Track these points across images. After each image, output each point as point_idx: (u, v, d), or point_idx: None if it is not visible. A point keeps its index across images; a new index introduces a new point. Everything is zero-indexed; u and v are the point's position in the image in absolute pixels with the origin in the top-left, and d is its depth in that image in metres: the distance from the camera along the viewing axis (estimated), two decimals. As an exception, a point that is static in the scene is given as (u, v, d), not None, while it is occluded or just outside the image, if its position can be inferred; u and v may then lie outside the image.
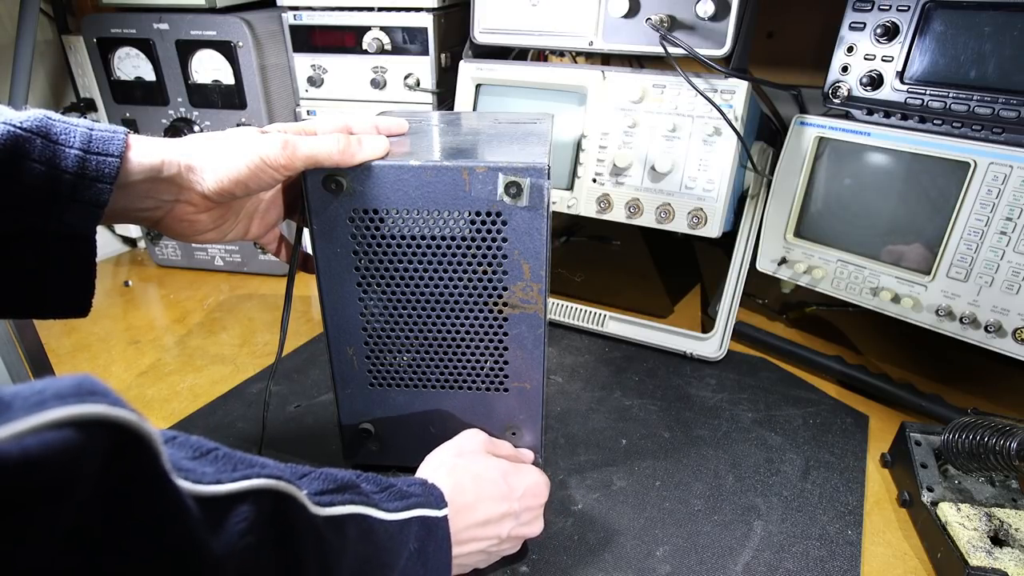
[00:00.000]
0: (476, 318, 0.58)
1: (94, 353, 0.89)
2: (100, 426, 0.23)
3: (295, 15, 0.94)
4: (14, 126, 0.40)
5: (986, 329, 0.67)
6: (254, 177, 0.48)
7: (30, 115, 0.41)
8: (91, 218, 0.43)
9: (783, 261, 0.83)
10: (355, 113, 0.98)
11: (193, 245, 1.11)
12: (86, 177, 0.42)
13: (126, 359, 0.88)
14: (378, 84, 0.96)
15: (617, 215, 0.85)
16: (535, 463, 0.65)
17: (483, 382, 0.61)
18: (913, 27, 0.68)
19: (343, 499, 0.40)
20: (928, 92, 0.68)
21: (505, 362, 0.60)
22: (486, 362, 0.60)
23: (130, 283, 1.10)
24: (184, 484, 0.29)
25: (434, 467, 0.53)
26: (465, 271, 0.56)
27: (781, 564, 0.57)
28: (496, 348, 0.59)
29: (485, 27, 0.87)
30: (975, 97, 0.66)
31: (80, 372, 0.24)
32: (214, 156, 0.47)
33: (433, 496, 0.47)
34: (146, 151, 0.45)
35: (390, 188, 0.53)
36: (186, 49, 0.95)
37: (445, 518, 0.47)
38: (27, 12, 0.93)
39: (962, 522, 0.57)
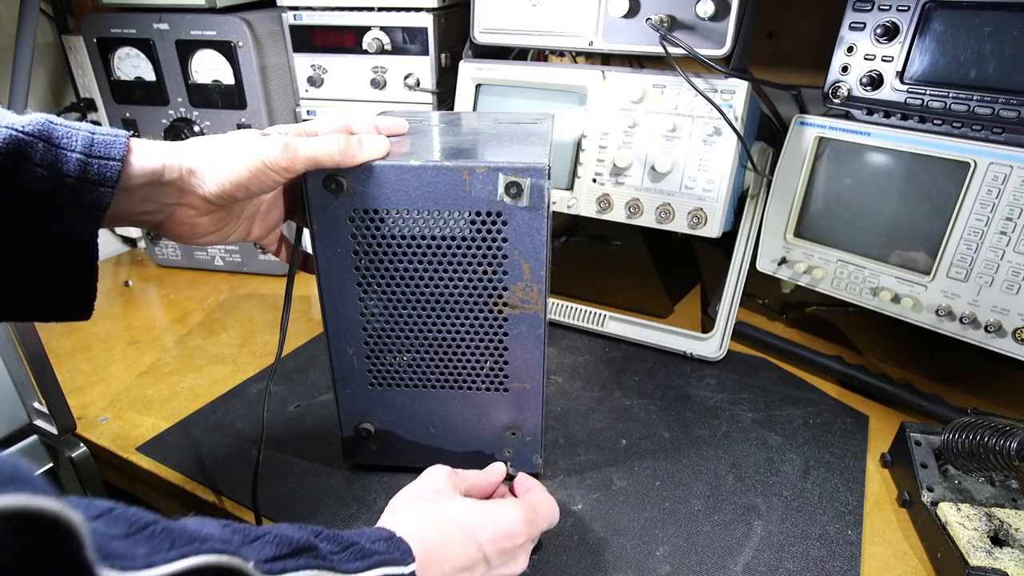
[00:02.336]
0: (476, 318, 0.58)
1: (94, 353, 0.89)
2: (19, 518, 0.21)
3: (295, 15, 0.94)
4: (16, 130, 0.40)
5: (986, 329, 0.67)
6: (255, 180, 0.48)
7: (32, 119, 0.41)
8: (92, 222, 0.43)
9: (783, 261, 0.83)
10: (355, 113, 0.99)
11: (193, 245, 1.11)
12: (88, 181, 0.42)
13: (126, 359, 0.88)
14: (378, 84, 0.96)
15: (617, 215, 0.85)
16: (536, 472, 0.65)
17: (483, 382, 0.61)
18: (913, 27, 0.68)
19: (297, 564, 0.37)
20: (928, 92, 0.68)
21: (505, 362, 0.60)
22: (486, 362, 0.60)
23: (130, 283, 1.10)
24: (109, 574, 0.26)
25: (395, 511, 0.50)
26: (465, 271, 0.56)
27: (781, 564, 0.57)
28: (496, 348, 0.59)
29: (485, 27, 0.87)
30: (975, 97, 0.66)
31: (9, 457, 0.22)
32: (215, 159, 0.47)
33: (399, 551, 0.44)
34: (147, 155, 0.45)
35: (390, 188, 0.53)
36: (186, 49, 0.95)
37: (412, 574, 0.43)
38: (27, 12, 0.93)
39: (962, 522, 0.57)
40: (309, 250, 0.58)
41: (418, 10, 0.91)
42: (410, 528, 0.46)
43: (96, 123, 1.10)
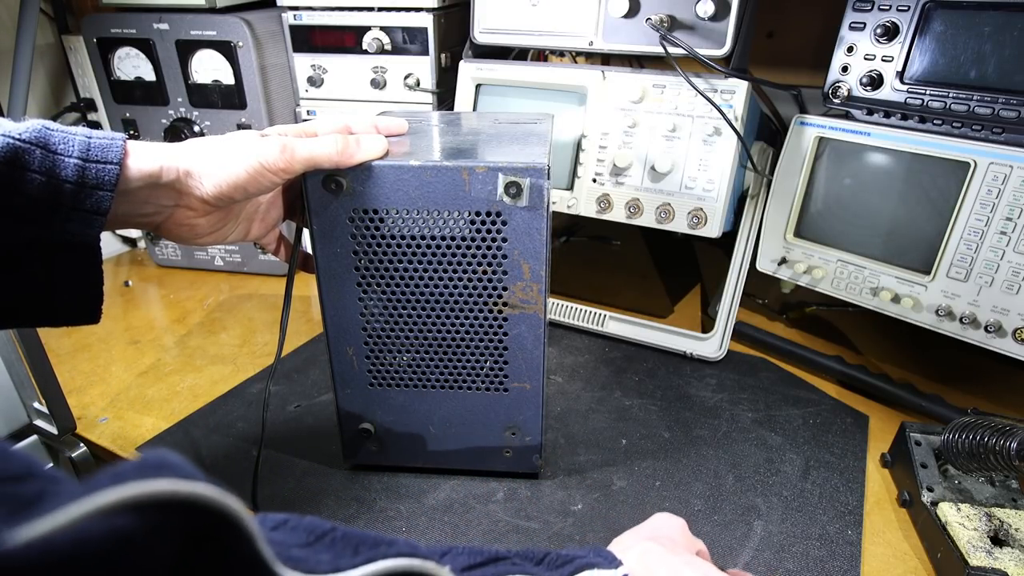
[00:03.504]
0: (476, 318, 0.58)
1: (94, 353, 0.89)
2: (167, 507, 0.19)
3: (295, 15, 0.94)
4: (13, 138, 0.40)
5: (986, 329, 0.67)
6: (253, 181, 0.48)
7: (28, 126, 0.41)
8: (93, 226, 0.43)
9: (783, 261, 0.83)
10: (355, 113, 0.99)
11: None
12: (86, 185, 0.42)
13: (126, 359, 0.88)
14: (378, 84, 0.96)
15: (617, 215, 0.85)
16: (536, 472, 0.65)
17: (483, 382, 0.61)
18: (913, 27, 0.68)
19: (498, 570, 0.34)
20: (928, 92, 0.68)
21: (505, 362, 0.60)
22: (486, 362, 0.60)
23: (130, 283, 1.10)
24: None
25: (623, 548, 0.42)
26: (465, 271, 0.56)
27: (781, 564, 0.57)
28: (496, 348, 0.59)
29: (485, 27, 0.87)
30: (975, 97, 0.65)
31: (159, 448, 0.19)
32: (212, 161, 0.47)
33: (603, 557, 0.39)
34: (144, 157, 0.45)
35: (390, 188, 0.53)
36: (186, 49, 0.95)
37: None
38: (27, 12, 0.93)
39: (962, 522, 0.57)
40: (309, 250, 0.58)
41: (418, 10, 0.91)
42: (636, 562, 0.40)
43: (96, 123, 1.10)
